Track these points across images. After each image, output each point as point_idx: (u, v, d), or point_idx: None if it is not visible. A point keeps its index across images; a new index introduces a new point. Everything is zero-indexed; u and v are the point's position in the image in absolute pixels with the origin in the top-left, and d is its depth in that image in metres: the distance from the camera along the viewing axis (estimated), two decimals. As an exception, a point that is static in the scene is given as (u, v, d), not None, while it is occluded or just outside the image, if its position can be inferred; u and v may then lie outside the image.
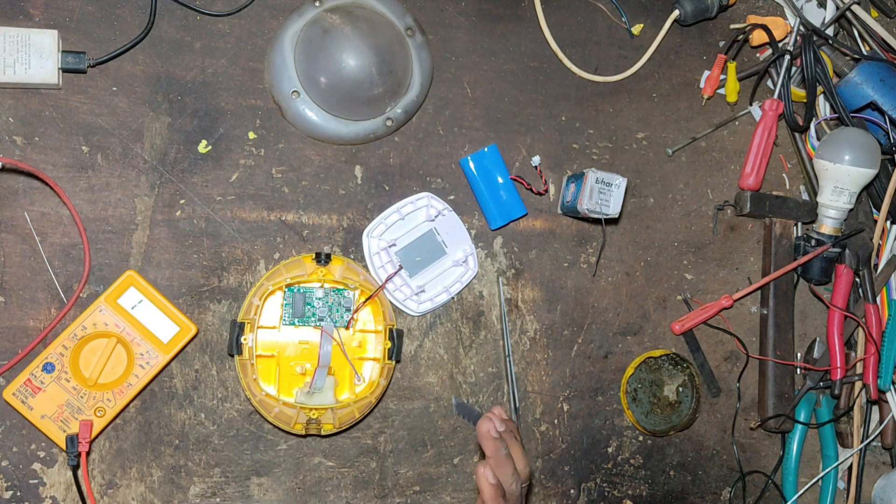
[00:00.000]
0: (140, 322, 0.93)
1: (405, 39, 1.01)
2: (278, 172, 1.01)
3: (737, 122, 1.15)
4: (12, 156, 0.93)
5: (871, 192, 1.15)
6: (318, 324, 0.98)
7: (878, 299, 1.13)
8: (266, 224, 1.00)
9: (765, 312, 1.13)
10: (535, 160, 1.06)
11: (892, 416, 1.15)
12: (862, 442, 1.15)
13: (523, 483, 0.77)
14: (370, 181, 1.03)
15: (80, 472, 0.90)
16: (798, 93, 1.13)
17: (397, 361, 1.01)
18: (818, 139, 1.14)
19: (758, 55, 1.16)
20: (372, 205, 1.03)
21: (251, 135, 1.00)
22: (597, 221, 1.08)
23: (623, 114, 1.11)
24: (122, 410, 0.95)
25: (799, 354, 1.15)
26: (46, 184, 0.93)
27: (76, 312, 0.94)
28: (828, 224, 1.11)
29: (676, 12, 1.11)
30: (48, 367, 0.91)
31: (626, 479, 1.10)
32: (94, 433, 0.92)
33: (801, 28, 1.12)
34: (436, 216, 1.02)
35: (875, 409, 1.16)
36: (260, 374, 0.96)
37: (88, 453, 0.91)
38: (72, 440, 0.89)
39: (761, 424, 1.13)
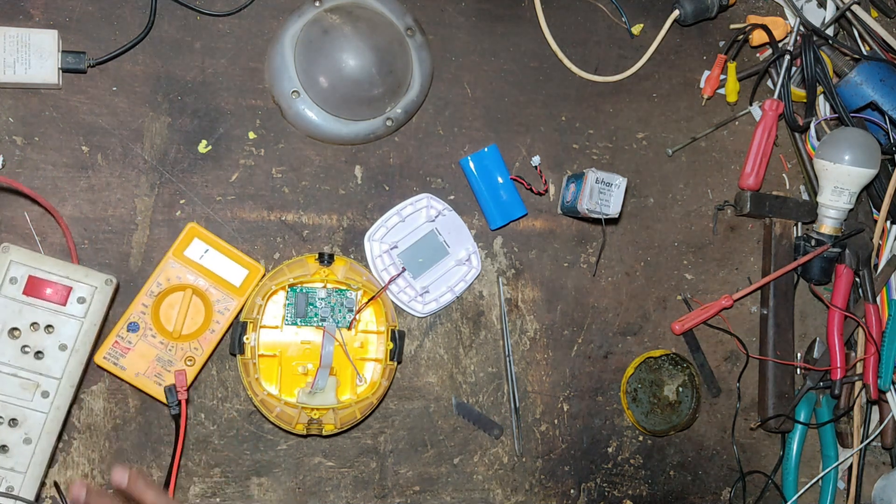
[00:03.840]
0: (210, 270, 0.95)
1: (405, 39, 1.01)
2: (278, 172, 1.01)
3: (737, 122, 1.15)
4: (13, 156, 0.93)
5: (871, 192, 1.15)
6: (320, 324, 0.98)
7: (878, 299, 1.13)
8: (266, 224, 1.00)
9: (765, 312, 1.13)
10: (535, 160, 1.06)
11: (892, 416, 1.15)
12: (862, 442, 1.15)
13: None
14: (370, 181, 1.03)
15: (180, 419, 0.94)
16: (798, 93, 1.13)
17: (398, 362, 1.01)
18: (818, 139, 1.14)
19: (758, 55, 1.16)
20: (372, 205, 1.03)
21: (251, 135, 1.00)
22: (597, 221, 1.08)
23: (623, 114, 1.11)
24: (212, 354, 0.97)
25: (799, 354, 1.15)
26: (35, 200, 0.93)
27: (148, 271, 0.96)
28: (828, 224, 1.11)
29: (676, 12, 1.11)
30: (132, 327, 0.93)
31: (626, 479, 1.10)
32: (189, 380, 0.94)
33: (801, 28, 1.12)
34: (436, 216, 1.02)
35: (875, 409, 1.16)
36: (262, 373, 0.96)
37: (188, 401, 0.95)
38: (170, 391, 0.93)
39: (761, 424, 1.13)
